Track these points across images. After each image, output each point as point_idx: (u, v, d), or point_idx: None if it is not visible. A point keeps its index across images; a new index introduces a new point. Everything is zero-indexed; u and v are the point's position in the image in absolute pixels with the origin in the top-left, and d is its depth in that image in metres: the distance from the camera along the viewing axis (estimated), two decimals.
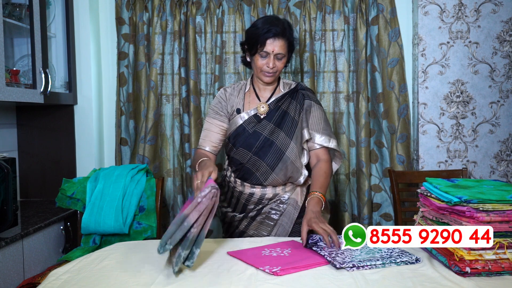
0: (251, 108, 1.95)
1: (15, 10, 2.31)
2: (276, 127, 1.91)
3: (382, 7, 2.70)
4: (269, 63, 1.85)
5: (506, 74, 2.65)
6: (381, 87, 2.73)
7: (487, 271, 1.37)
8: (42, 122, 2.76)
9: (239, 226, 2.00)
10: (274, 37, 1.82)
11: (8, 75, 2.20)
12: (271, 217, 1.95)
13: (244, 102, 1.96)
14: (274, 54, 1.84)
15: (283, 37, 1.84)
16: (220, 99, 1.99)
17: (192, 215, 1.43)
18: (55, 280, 1.41)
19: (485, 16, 2.63)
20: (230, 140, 1.95)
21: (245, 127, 1.92)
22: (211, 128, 1.97)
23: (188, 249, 1.40)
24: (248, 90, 1.99)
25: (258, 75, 1.91)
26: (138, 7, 2.79)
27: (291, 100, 1.95)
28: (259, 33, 1.83)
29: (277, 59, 1.86)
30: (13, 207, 1.91)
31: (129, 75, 2.82)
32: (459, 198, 1.41)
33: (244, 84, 2.02)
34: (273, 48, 1.83)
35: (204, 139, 1.97)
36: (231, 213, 2.02)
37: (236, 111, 1.95)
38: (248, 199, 1.95)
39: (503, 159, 2.68)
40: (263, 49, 1.83)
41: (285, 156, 1.89)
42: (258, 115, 1.93)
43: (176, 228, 1.41)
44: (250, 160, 1.91)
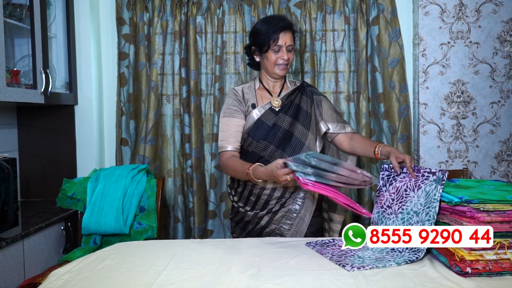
0: (264, 103, 2.03)
1: (16, 11, 2.31)
2: (293, 119, 2.01)
3: (383, 7, 2.70)
4: (284, 55, 1.97)
5: (507, 74, 2.65)
6: (382, 87, 2.72)
7: (488, 271, 1.37)
8: (42, 122, 2.76)
9: (260, 222, 2.01)
10: (285, 30, 1.96)
11: (8, 76, 2.20)
12: (292, 210, 1.99)
13: (256, 98, 2.04)
14: (286, 46, 1.97)
15: (290, 30, 1.99)
16: (235, 97, 2.04)
17: (343, 171, 1.56)
18: (55, 280, 1.42)
19: (486, 16, 2.63)
20: (250, 135, 1.99)
21: (264, 121, 2.00)
22: (230, 128, 2.00)
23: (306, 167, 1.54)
24: (258, 88, 2.08)
25: (273, 70, 2.00)
26: (138, 8, 2.79)
27: (301, 95, 2.07)
28: (270, 30, 1.95)
29: (288, 51, 1.98)
30: (13, 207, 1.92)
31: (129, 75, 2.82)
32: (460, 198, 1.41)
33: (253, 83, 2.10)
34: (285, 40, 1.96)
35: (225, 140, 1.99)
36: (251, 211, 2.01)
37: (252, 106, 2.02)
38: (271, 194, 1.97)
39: (503, 159, 2.68)
40: (277, 43, 1.95)
41: (305, 147, 1.99)
42: (273, 108, 2.02)
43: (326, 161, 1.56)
44: (271, 152, 1.96)
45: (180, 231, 2.81)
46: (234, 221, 2.12)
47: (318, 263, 1.51)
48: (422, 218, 1.54)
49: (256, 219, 2.01)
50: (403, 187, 1.67)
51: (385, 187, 1.74)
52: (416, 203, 1.59)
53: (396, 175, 1.72)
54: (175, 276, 1.41)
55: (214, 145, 2.77)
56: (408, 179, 1.67)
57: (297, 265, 1.50)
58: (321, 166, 1.54)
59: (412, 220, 1.57)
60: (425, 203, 1.56)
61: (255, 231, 2.02)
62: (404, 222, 1.58)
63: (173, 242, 1.81)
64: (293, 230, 1.98)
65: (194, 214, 2.76)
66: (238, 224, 2.10)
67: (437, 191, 1.54)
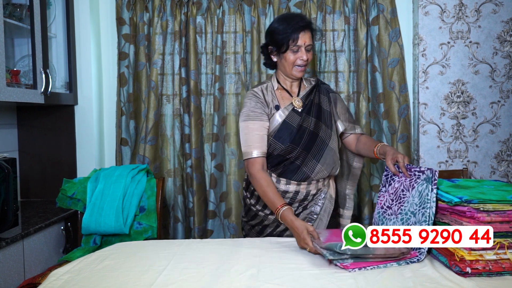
0: (286, 104, 1.98)
1: (16, 11, 2.31)
2: (317, 119, 1.98)
3: (383, 7, 2.70)
4: (303, 56, 1.91)
5: (507, 74, 2.65)
6: (382, 87, 2.72)
7: (488, 271, 1.37)
8: (42, 122, 2.76)
9: (280, 225, 1.98)
10: (304, 30, 1.90)
11: (8, 76, 2.20)
12: (313, 212, 1.98)
13: (277, 99, 1.99)
14: (305, 46, 1.91)
15: (309, 29, 1.93)
16: (257, 99, 1.96)
17: (380, 250, 1.49)
18: (55, 280, 1.42)
19: (486, 16, 2.63)
20: (276, 138, 1.92)
21: (289, 123, 1.94)
22: (255, 132, 1.91)
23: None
24: (277, 88, 2.02)
25: (291, 71, 1.95)
26: (138, 8, 2.79)
27: (319, 94, 2.04)
28: (289, 29, 1.88)
29: (307, 51, 1.92)
30: (13, 207, 1.92)
31: (129, 75, 2.82)
32: (460, 198, 1.41)
33: (270, 83, 2.04)
34: (304, 40, 1.90)
35: (250, 145, 1.90)
36: (272, 215, 1.96)
37: (275, 108, 1.96)
38: (294, 197, 1.95)
39: (503, 159, 2.68)
40: (296, 43, 1.89)
41: (328, 147, 1.97)
42: (296, 109, 1.97)
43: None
44: (297, 154, 1.92)
45: (180, 231, 2.81)
46: (249, 224, 2.07)
47: (318, 263, 1.51)
48: (419, 218, 1.54)
49: (276, 222, 1.98)
50: (400, 187, 1.67)
51: (385, 187, 1.74)
52: (412, 203, 1.59)
53: (394, 175, 1.72)
54: (175, 276, 1.41)
55: (214, 145, 2.77)
56: (404, 179, 1.67)
57: (297, 265, 1.50)
58: (358, 253, 1.47)
59: (410, 221, 1.57)
60: (420, 203, 1.56)
61: (275, 234, 1.98)
62: (403, 223, 1.59)
63: (173, 242, 1.81)
64: None
65: (194, 214, 2.76)
66: (254, 227, 2.05)
67: (429, 191, 1.53)
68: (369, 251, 1.48)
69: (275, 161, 1.94)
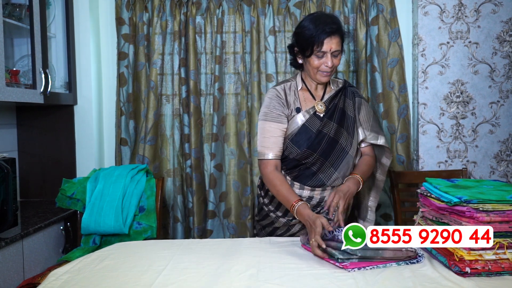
0: (308, 107, 1.90)
1: (15, 10, 2.31)
2: (339, 125, 1.89)
3: (382, 7, 2.70)
4: (327, 62, 1.80)
5: (506, 74, 2.65)
6: (381, 87, 2.73)
7: (487, 271, 1.37)
8: (42, 122, 2.76)
9: (292, 228, 1.94)
10: (331, 36, 1.78)
11: (8, 75, 2.20)
12: (328, 219, 1.86)
13: (300, 100, 1.91)
14: (331, 52, 1.80)
15: (338, 34, 1.81)
16: (279, 99, 1.89)
17: (388, 253, 1.49)
18: (55, 280, 1.42)
19: (485, 16, 2.63)
20: (293, 142, 1.86)
21: (308, 127, 1.86)
22: (273, 133, 1.86)
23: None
24: (300, 89, 1.93)
25: (315, 76, 1.86)
26: (138, 8, 2.79)
27: (344, 98, 1.94)
28: (314, 34, 1.78)
29: (334, 56, 1.81)
30: (13, 207, 1.91)
31: (129, 75, 2.82)
32: (459, 198, 1.41)
33: (294, 82, 1.95)
34: (330, 46, 1.79)
35: (266, 147, 1.86)
36: (283, 218, 1.93)
37: (296, 110, 1.88)
38: (307, 202, 1.83)
39: (503, 159, 2.68)
40: (321, 48, 1.79)
41: (348, 155, 1.90)
42: (318, 113, 1.89)
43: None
44: (313, 160, 1.86)
45: (180, 231, 2.81)
46: (260, 224, 2.04)
47: (318, 263, 1.51)
48: None
49: (286, 226, 1.95)
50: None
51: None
52: None
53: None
54: (174, 276, 1.41)
55: (213, 145, 2.77)
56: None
57: (296, 265, 1.50)
58: (367, 254, 1.47)
59: None
60: None
61: (285, 237, 1.94)
62: None
63: (173, 242, 1.81)
64: None
65: (194, 214, 2.76)
66: (264, 228, 2.02)
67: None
68: (379, 254, 1.47)
69: (291, 164, 1.89)
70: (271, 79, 2.75)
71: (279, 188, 1.81)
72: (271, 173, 1.84)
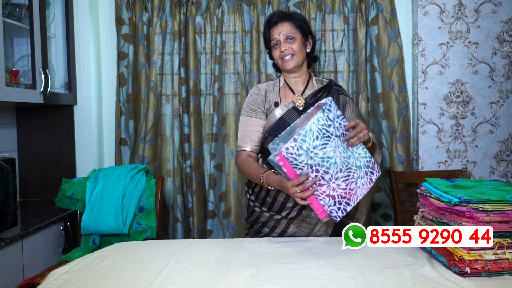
0: (288, 102, 1.96)
1: (15, 10, 2.31)
2: None
3: (382, 7, 2.70)
4: (282, 47, 1.91)
5: (506, 74, 2.65)
6: (381, 87, 2.73)
7: (487, 271, 1.37)
8: (41, 122, 2.76)
9: (278, 226, 1.94)
10: (276, 23, 1.92)
11: (7, 75, 2.20)
12: (311, 216, 1.90)
13: (280, 96, 1.98)
14: (284, 37, 1.91)
15: (286, 20, 1.92)
16: (256, 95, 1.98)
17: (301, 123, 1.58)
18: (55, 281, 1.42)
19: (485, 16, 2.63)
20: (271, 134, 1.91)
21: (286, 120, 1.91)
22: (249, 127, 1.95)
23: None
24: (282, 86, 2.01)
25: (282, 66, 1.96)
26: (137, 7, 2.79)
27: (327, 95, 1.97)
28: (265, 29, 1.96)
29: (288, 41, 1.91)
30: (12, 207, 1.91)
31: (128, 75, 2.82)
32: (459, 198, 1.42)
33: (277, 80, 2.04)
34: (279, 32, 1.91)
35: (243, 139, 1.95)
36: (266, 212, 1.95)
37: (274, 104, 1.95)
38: (288, 196, 1.88)
39: (502, 159, 2.68)
40: (272, 38, 1.94)
41: None
42: (297, 107, 1.93)
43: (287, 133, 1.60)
44: None
45: (179, 231, 2.81)
46: (249, 221, 2.06)
47: (318, 263, 1.51)
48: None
49: (272, 222, 1.95)
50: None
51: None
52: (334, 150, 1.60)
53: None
54: (174, 276, 1.41)
55: (213, 145, 2.77)
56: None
57: (296, 265, 1.50)
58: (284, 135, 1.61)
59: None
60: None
61: (275, 234, 1.94)
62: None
63: (172, 242, 1.81)
64: (315, 235, 1.92)
65: (193, 214, 2.76)
66: (253, 226, 2.03)
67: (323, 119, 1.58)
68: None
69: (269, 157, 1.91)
70: (271, 79, 2.74)
71: (248, 169, 1.87)
72: (243, 159, 1.91)
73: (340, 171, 1.60)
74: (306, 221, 1.92)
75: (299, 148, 1.55)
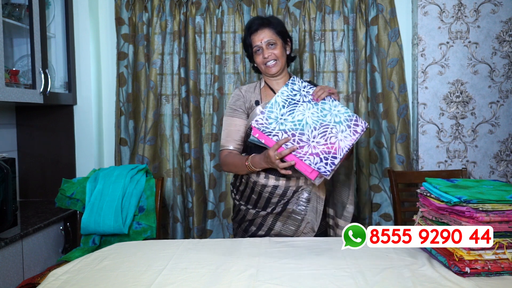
0: (268, 100, 2.00)
1: (15, 10, 2.31)
2: None
3: (382, 7, 2.70)
4: (264, 53, 1.96)
5: (506, 74, 2.65)
6: (381, 87, 2.73)
7: (487, 271, 1.37)
8: (41, 122, 2.76)
9: (265, 223, 1.97)
10: (257, 30, 1.98)
11: (7, 75, 2.20)
12: (297, 212, 1.94)
13: (261, 96, 2.04)
14: (265, 44, 1.96)
15: (266, 27, 1.98)
16: (238, 96, 2.04)
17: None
18: (54, 281, 1.41)
19: (485, 16, 2.63)
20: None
21: None
22: (231, 127, 2.01)
23: None
24: (263, 87, 2.07)
25: (265, 70, 2.01)
26: (137, 7, 2.79)
27: None
28: (246, 36, 2.01)
29: (270, 47, 1.97)
30: (12, 207, 1.91)
31: (128, 75, 2.82)
32: (459, 198, 1.42)
33: (258, 82, 2.11)
34: (260, 39, 1.96)
35: (226, 139, 2.01)
36: (252, 209, 1.98)
37: (255, 103, 2.01)
38: (272, 191, 1.93)
39: (502, 159, 2.68)
40: (254, 45, 1.98)
41: None
42: None
43: None
44: None
45: (179, 231, 2.81)
46: (236, 221, 2.08)
47: (318, 263, 1.51)
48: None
49: (259, 219, 1.98)
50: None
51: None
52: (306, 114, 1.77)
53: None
54: (174, 276, 1.41)
55: (213, 145, 2.77)
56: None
57: (296, 265, 1.50)
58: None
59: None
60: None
61: (259, 235, 1.97)
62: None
63: (172, 242, 1.81)
64: (300, 233, 1.94)
65: (193, 214, 2.76)
66: (240, 226, 2.05)
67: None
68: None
69: (253, 152, 1.94)
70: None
71: (232, 161, 1.95)
72: (226, 154, 1.99)
73: (314, 129, 1.74)
74: (292, 217, 1.95)
75: (268, 118, 1.76)
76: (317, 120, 1.76)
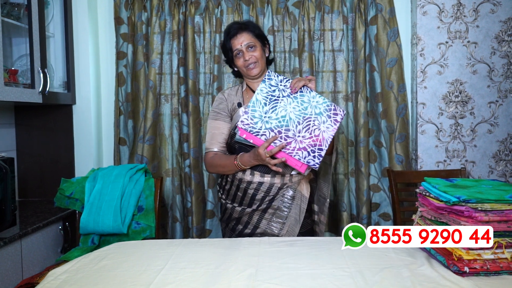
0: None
1: (14, 10, 2.31)
2: None
3: (381, 7, 2.70)
4: (245, 56, 1.99)
5: (505, 74, 2.65)
6: (380, 87, 2.73)
7: (486, 271, 1.37)
8: (40, 122, 2.75)
9: (250, 221, 2.00)
10: (236, 34, 2.01)
11: (6, 75, 2.20)
12: (282, 209, 1.98)
13: (243, 98, 2.07)
14: (245, 47, 1.99)
15: (244, 30, 2.01)
16: (220, 100, 2.08)
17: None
18: (53, 280, 1.41)
19: (484, 16, 2.63)
20: (236, 130, 1.97)
21: None
22: (215, 130, 2.05)
23: None
24: (245, 89, 2.10)
25: (247, 73, 2.03)
26: (136, 7, 2.78)
27: None
28: (225, 41, 2.03)
29: (250, 49, 2.00)
30: (11, 207, 1.91)
31: (127, 75, 2.82)
32: (458, 198, 1.42)
33: (240, 85, 2.14)
34: (240, 42, 1.99)
35: (210, 141, 2.05)
36: (238, 207, 2.01)
37: (238, 105, 2.04)
38: (257, 188, 1.97)
39: (501, 159, 2.68)
40: (234, 49, 2.01)
41: None
42: None
43: None
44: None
45: (178, 231, 2.81)
46: (223, 221, 2.12)
47: (317, 262, 1.51)
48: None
49: (245, 217, 2.01)
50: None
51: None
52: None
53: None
54: (173, 276, 1.41)
55: None
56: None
57: (295, 264, 1.50)
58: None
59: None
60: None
61: (245, 233, 2.00)
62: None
63: (171, 242, 1.81)
64: (285, 231, 1.97)
65: (192, 214, 2.76)
66: (227, 225, 2.09)
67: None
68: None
69: (239, 152, 1.97)
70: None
71: (219, 161, 1.99)
72: (211, 156, 2.03)
73: (298, 124, 1.79)
74: (277, 214, 1.98)
75: (252, 117, 1.81)
76: (300, 114, 1.81)
